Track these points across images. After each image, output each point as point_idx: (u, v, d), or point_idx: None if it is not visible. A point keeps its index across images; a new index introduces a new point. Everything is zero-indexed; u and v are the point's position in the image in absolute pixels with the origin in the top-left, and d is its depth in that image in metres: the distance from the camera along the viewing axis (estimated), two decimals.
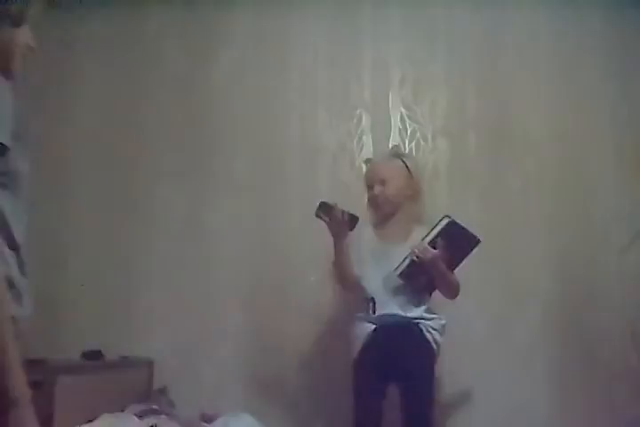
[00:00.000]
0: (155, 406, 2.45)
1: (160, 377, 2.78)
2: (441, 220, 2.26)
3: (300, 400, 2.78)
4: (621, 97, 2.95)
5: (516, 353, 2.80)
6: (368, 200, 2.47)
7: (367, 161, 2.68)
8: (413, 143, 2.96)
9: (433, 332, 2.31)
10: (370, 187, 2.46)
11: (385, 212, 2.44)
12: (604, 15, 3.01)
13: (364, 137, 2.98)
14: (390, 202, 2.42)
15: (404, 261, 2.25)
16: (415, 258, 2.22)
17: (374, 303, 2.30)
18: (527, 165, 2.92)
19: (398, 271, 2.26)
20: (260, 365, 2.83)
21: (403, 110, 2.99)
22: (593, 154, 2.93)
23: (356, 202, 2.57)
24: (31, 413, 1.16)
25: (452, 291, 2.35)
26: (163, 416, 2.36)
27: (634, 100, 2.95)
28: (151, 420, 2.29)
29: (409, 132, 2.97)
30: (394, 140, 2.96)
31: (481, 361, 2.78)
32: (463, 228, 2.26)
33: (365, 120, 2.99)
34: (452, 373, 2.66)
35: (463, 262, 2.31)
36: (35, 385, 2.31)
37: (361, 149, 2.97)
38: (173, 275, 2.93)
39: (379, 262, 2.33)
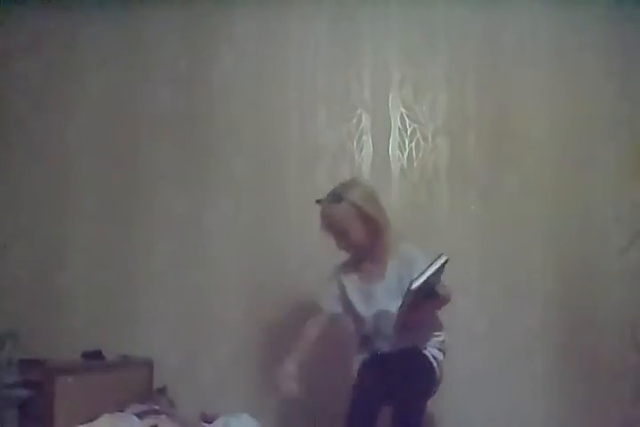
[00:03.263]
0: (155, 406, 2.45)
1: (160, 377, 2.77)
2: (437, 258, 2.02)
3: (299, 400, 2.78)
4: (621, 97, 2.95)
5: (515, 353, 2.80)
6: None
7: (319, 202, 2.26)
8: (413, 143, 2.96)
9: (431, 349, 2.25)
10: (330, 235, 2.25)
11: (356, 255, 2.31)
12: (604, 14, 3.00)
13: (364, 137, 2.98)
14: (357, 247, 2.25)
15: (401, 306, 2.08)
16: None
17: (371, 341, 2.27)
18: (527, 165, 2.92)
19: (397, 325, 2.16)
20: (260, 365, 2.83)
21: (403, 110, 2.99)
22: (593, 154, 2.93)
23: None
24: None
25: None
26: (163, 416, 2.37)
27: (634, 100, 2.95)
28: (151, 420, 2.30)
29: (409, 132, 2.97)
30: (394, 141, 2.96)
31: (481, 361, 2.78)
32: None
33: (365, 120, 2.99)
34: (451, 372, 2.66)
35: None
36: (35, 385, 2.34)
37: (361, 149, 2.97)
38: (173, 275, 2.93)
39: (366, 304, 2.26)
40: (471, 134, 2.96)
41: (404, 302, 2.02)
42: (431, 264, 1.99)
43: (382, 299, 2.22)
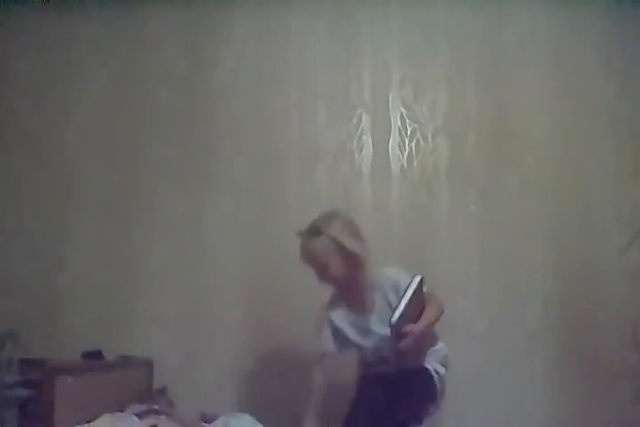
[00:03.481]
0: (155, 406, 2.45)
1: (160, 377, 2.77)
2: (411, 282, 1.96)
3: (299, 400, 2.78)
4: (621, 97, 2.95)
5: (515, 353, 2.80)
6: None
7: (299, 235, 2.20)
8: (413, 143, 2.96)
9: (433, 363, 2.23)
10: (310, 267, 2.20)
11: (339, 288, 2.27)
12: (604, 14, 3.01)
13: (364, 137, 2.98)
14: (339, 280, 2.19)
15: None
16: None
17: (372, 364, 2.25)
18: (527, 165, 2.92)
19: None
20: (260, 365, 2.83)
21: (403, 110, 2.99)
22: (593, 154, 2.93)
23: (355, 203, 2.57)
24: None
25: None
26: (163, 416, 2.36)
27: (634, 100, 2.95)
28: (151, 420, 2.30)
29: (409, 132, 2.97)
30: (394, 141, 2.96)
31: (480, 361, 2.78)
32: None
33: (365, 120, 2.99)
34: (451, 372, 2.66)
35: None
36: (35, 385, 2.34)
37: (361, 149, 2.97)
38: (173, 275, 2.93)
39: (363, 335, 2.22)
40: (471, 134, 2.96)
41: (391, 333, 1.94)
42: (406, 290, 1.93)
43: (378, 328, 2.17)
